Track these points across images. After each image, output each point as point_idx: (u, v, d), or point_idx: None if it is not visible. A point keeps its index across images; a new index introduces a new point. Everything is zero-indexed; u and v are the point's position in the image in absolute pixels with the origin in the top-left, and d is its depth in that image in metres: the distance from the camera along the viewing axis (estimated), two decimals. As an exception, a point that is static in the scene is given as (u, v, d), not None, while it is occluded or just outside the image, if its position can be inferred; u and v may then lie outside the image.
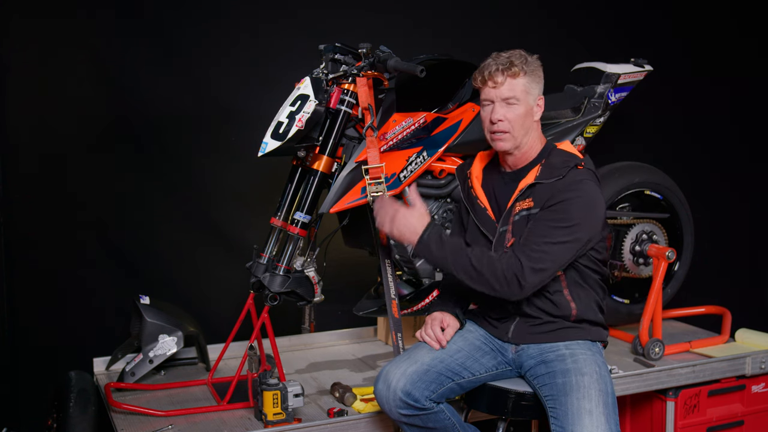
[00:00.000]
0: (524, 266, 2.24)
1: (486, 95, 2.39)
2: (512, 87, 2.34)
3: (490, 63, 2.37)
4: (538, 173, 2.37)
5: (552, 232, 2.27)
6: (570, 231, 2.27)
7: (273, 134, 2.59)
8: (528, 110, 2.37)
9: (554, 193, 2.31)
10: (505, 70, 2.33)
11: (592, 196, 2.32)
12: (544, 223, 2.29)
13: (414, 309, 2.84)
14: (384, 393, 2.33)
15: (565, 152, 2.43)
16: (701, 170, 4.20)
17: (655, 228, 3.29)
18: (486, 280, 2.26)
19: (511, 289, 2.26)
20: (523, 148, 2.41)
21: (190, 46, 3.32)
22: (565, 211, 2.28)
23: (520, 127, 2.37)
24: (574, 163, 2.37)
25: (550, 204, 2.31)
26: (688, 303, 3.63)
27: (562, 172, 2.34)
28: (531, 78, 2.37)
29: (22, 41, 3.10)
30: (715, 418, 3.06)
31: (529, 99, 2.37)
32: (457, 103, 2.89)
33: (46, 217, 3.18)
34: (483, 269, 2.25)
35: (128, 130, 3.28)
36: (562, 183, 2.32)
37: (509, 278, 2.24)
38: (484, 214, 2.47)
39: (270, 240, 2.75)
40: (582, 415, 2.16)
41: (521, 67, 2.34)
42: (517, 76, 2.34)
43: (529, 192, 2.37)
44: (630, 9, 4.04)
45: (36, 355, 3.18)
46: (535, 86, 2.39)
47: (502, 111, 2.36)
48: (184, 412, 2.63)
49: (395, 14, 3.60)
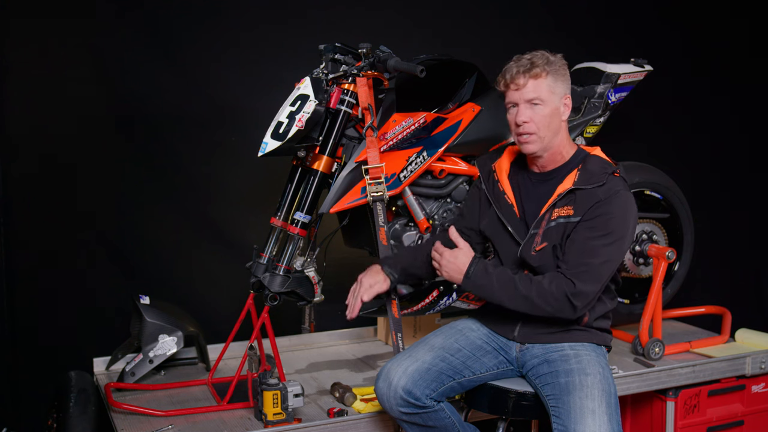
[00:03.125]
0: (576, 286, 2.24)
1: (510, 98, 2.35)
2: (535, 88, 2.30)
3: (511, 66, 2.33)
4: (576, 179, 2.34)
5: (598, 250, 2.26)
6: (615, 247, 2.29)
7: (273, 134, 2.59)
8: (554, 110, 2.33)
9: (595, 205, 2.28)
10: (527, 72, 2.30)
11: (630, 209, 2.32)
12: (589, 241, 2.27)
13: (414, 309, 2.84)
14: (385, 391, 2.33)
15: (602, 159, 2.41)
16: (701, 170, 4.20)
17: (655, 228, 3.30)
18: (537, 305, 2.27)
19: (564, 312, 2.27)
20: (551, 149, 2.37)
21: (190, 45, 3.32)
22: (608, 226, 2.27)
23: (546, 128, 2.33)
24: (612, 170, 2.35)
25: (591, 216, 2.28)
26: (688, 303, 3.63)
27: (602, 179, 2.32)
28: (555, 77, 2.33)
29: (22, 41, 3.10)
30: (715, 418, 3.06)
31: (554, 99, 2.33)
32: (457, 103, 2.89)
33: (46, 217, 3.18)
34: (532, 296, 2.26)
35: (128, 130, 3.28)
36: (602, 191, 2.29)
37: (561, 301, 2.25)
38: (510, 210, 2.43)
39: (270, 240, 2.75)
40: (585, 414, 2.16)
41: (543, 67, 2.30)
42: (540, 77, 2.30)
43: (569, 199, 2.33)
44: (630, 9, 4.04)
45: (36, 355, 3.18)
46: (560, 85, 2.34)
47: (528, 113, 2.31)
48: (184, 412, 2.63)
49: (395, 14, 3.60)
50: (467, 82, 2.89)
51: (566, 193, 2.33)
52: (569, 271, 2.27)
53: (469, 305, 2.80)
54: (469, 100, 2.90)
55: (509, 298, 2.29)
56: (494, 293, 2.31)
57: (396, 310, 2.64)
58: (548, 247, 2.33)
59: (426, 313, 2.85)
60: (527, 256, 2.37)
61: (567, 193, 2.34)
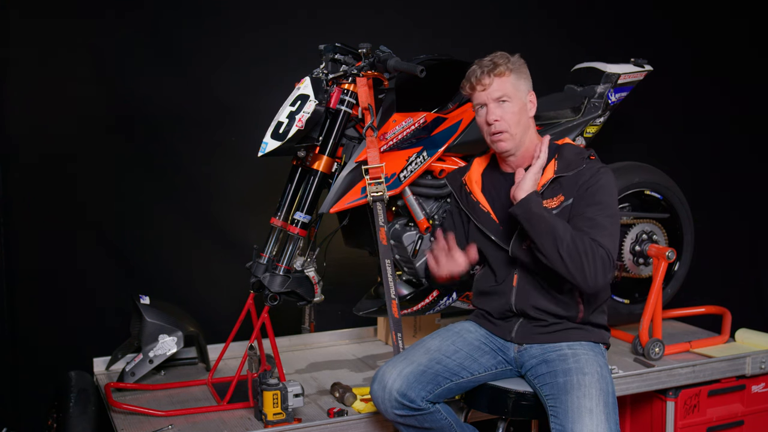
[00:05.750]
0: (611, 259, 2.24)
1: (477, 99, 2.40)
2: (501, 86, 2.36)
3: (474, 69, 2.39)
4: (555, 167, 2.38)
5: (603, 221, 2.28)
6: (615, 220, 2.33)
7: (273, 134, 2.59)
8: (521, 107, 2.39)
9: (585, 183, 2.32)
10: (491, 72, 2.35)
11: (614, 185, 2.37)
12: (594, 217, 2.28)
13: (414, 309, 2.84)
14: (379, 394, 2.33)
15: (574, 146, 2.46)
16: (701, 170, 4.20)
17: (655, 228, 3.30)
18: (577, 251, 2.20)
19: (597, 280, 2.22)
20: (523, 146, 2.41)
21: (190, 46, 3.33)
22: (604, 200, 2.31)
23: (516, 125, 2.37)
24: (587, 154, 2.41)
25: (585, 194, 2.31)
26: (688, 303, 3.63)
27: (581, 163, 2.37)
28: (517, 75, 2.38)
29: (22, 41, 3.10)
30: (715, 418, 3.06)
31: (520, 96, 2.38)
32: (457, 103, 2.89)
33: (46, 217, 3.18)
34: (579, 248, 2.20)
35: (128, 130, 3.28)
36: (586, 172, 2.34)
37: (599, 267, 2.21)
38: (487, 218, 2.46)
39: (270, 240, 2.75)
40: (582, 414, 2.16)
41: (506, 66, 2.36)
42: (504, 75, 2.36)
43: (554, 189, 2.37)
44: (630, 9, 4.04)
45: (36, 355, 3.18)
46: (523, 83, 2.40)
47: (498, 111, 2.36)
48: (184, 412, 2.63)
49: (395, 14, 3.60)
50: (467, 82, 2.89)
51: (549, 183, 2.37)
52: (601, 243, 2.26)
53: (468, 305, 2.80)
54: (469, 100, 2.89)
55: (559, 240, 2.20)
56: (548, 225, 2.22)
57: (396, 310, 2.64)
58: None
59: (426, 313, 2.85)
60: (518, 252, 2.38)
61: (550, 183, 2.37)
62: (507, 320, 2.46)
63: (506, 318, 2.47)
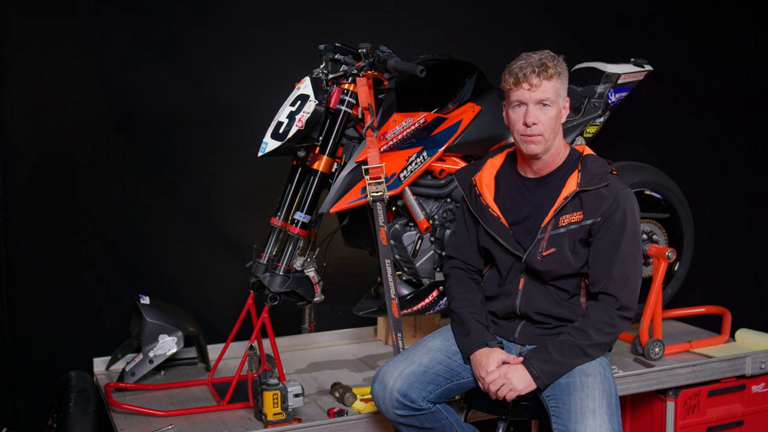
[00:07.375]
0: (619, 299, 2.28)
1: (519, 97, 2.31)
2: (546, 89, 2.29)
3: (523, 65, 2.29)
4: (578, 180, 2.33)
5: (627, 252, 2.31)
6: (639, 247, 2.35)
7: (273, 134, 2.59)
8: (558, 112, 2.33)
9: (608, 208, 2.30)
10: (541, 72, 2.27)
11: (636, 206, 2.37)
12: (619, 248, 2.30)
13: (414, 309, 2.84)
14: (380, 394, 2.33)
15: (597, 157, 2.42)
16: (702, 170, 4.20)
17: (655, 228, 3.30)
18: (603, 342, 2.29)
19: (622, 327, 2.32)
20: (550, 151, 2.36)
21: (190, 45, 3.32)
22: (627, 227, 2.31)
23: (551, 130, 2.32)
24: (609, 169, 2.37)
25: (608, 220, 2.30)
26: (688, 303, 3.63)
27: (604, 179, 2.33)
28: (562, 80, 2.33)
29: (22, 41, 3.10)
30: (715, 418, 3.06)
31: (559, 101, 2.33)
32: (457, 103, 2.89)
33: (46, 217, 3.18)
34: (593, 338, 2.27)
35: (128, 130, 3.28)
36: (608, 192, 2.31)
37: (615, 322, 2.29)
38: (497, 222, 2.41)
39: (270, 240, 2.75)
40: (585, 414, 2.16)
41: (555, 68, 2.29)
42: (552, 78, 2.29)
43: (574, 203, 2.33)
44: (630, 9, 4.04)
45: (36, 355, 3.18)
46: (564, 88, 2.35)
47: (537, 113, 2.29)
48: (184, 412, 2.63)
49: (395, 14, 3.60)
50: (467, 82, 2.89)
51: (572, 197, 2.33)
52: (605, 288, 2.30)
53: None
54: (469, 100, 2.89)
55: (583, 357, 2.29)
56: (567, 364, 2.28)
57: (396, 310, 2.64)
58: (556, 252, 2.33)
59: (426, 313, 2.85)
60: (533, 261, 2.36)
61: (572, 197, 2.33)
62: (510, 321, 2.46)
63: (509, 319, 2.46)
